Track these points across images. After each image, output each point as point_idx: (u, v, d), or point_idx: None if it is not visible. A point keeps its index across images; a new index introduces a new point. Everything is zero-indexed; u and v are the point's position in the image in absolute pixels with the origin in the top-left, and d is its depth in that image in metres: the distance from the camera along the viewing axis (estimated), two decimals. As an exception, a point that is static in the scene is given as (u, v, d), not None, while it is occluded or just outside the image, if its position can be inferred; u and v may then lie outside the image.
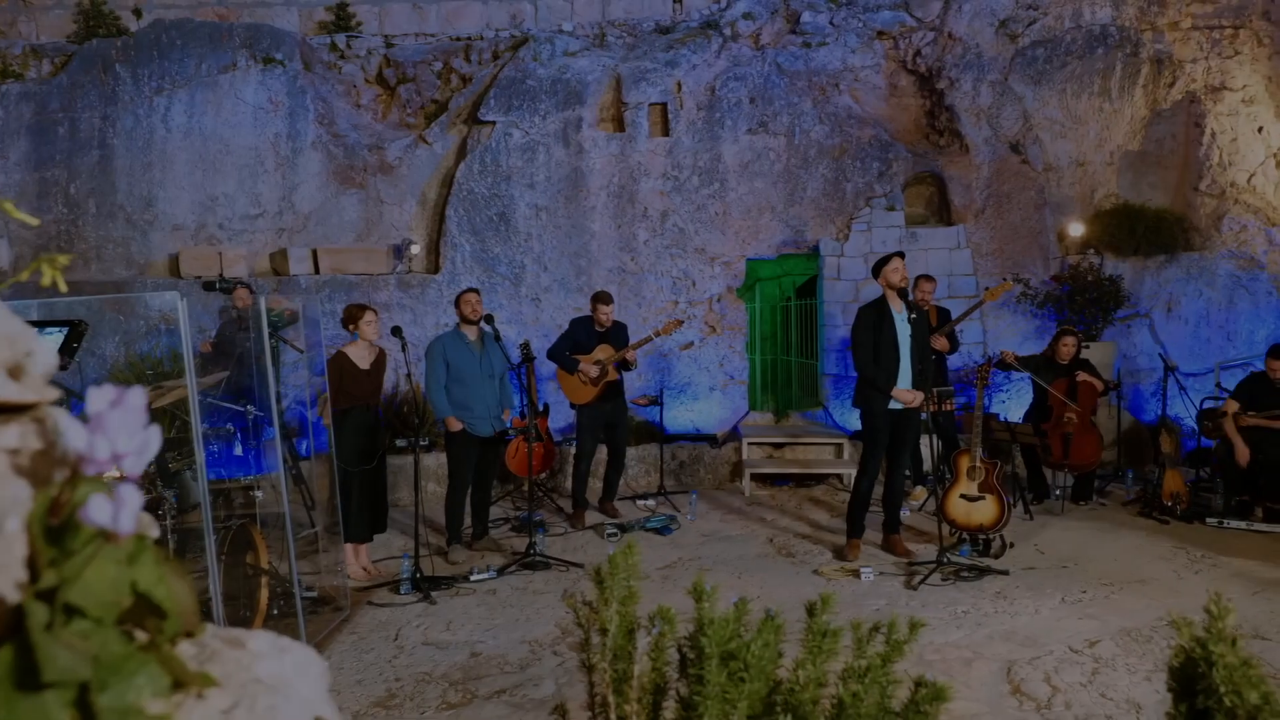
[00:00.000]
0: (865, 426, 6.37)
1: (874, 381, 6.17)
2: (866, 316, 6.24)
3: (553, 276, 9.44)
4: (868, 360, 6.17)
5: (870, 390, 6.22)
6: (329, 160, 9.41)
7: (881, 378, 6.15)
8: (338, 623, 5.36)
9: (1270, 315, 9.40)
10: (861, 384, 6.32)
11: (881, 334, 6.16)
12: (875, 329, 6.16)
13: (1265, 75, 9.73)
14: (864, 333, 6.19)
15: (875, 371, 6.15)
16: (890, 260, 6.22)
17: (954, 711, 4.02)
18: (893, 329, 6.18)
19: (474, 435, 6.61)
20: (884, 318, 6.20)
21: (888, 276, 6.18)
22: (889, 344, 6.16)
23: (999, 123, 9.67)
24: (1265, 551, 6.27)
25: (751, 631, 1.55)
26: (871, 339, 6.16)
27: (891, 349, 6.16)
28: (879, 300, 6.27)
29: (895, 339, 6.17)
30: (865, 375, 6.22)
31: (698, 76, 9.55)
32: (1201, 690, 1.25)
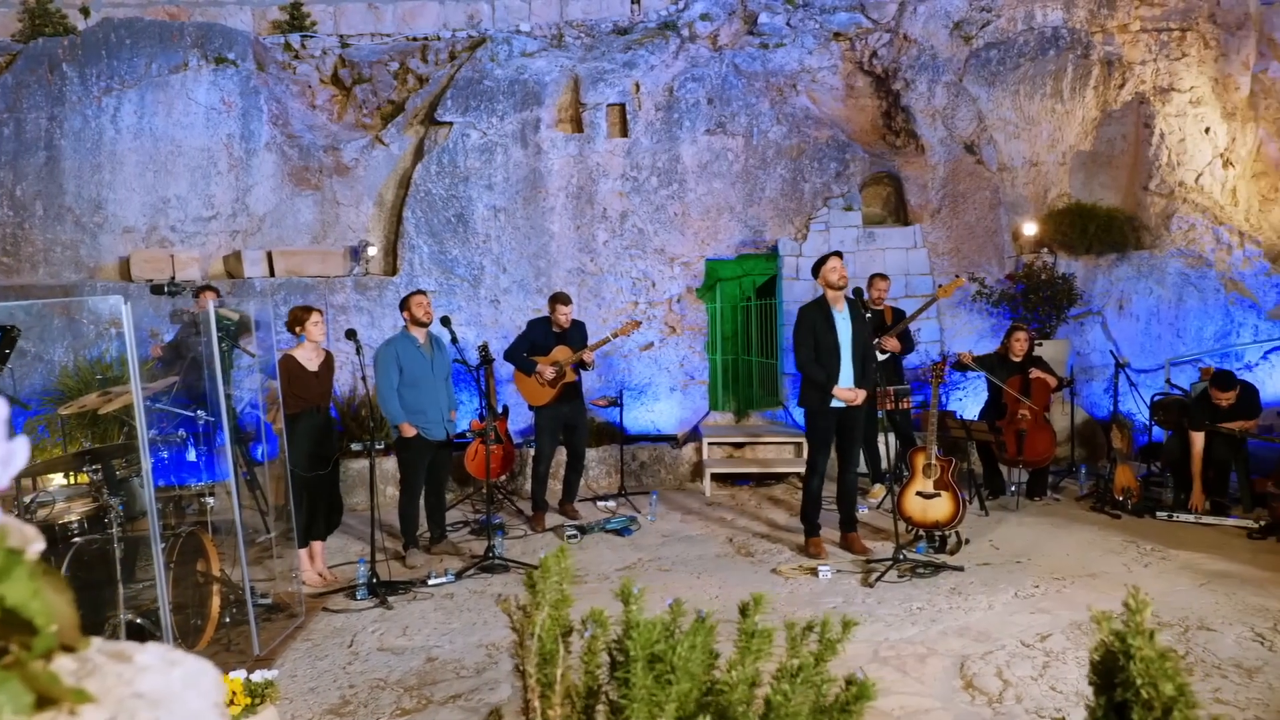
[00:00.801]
0: (809, 426, 6.47)
1: (814, 380, 6.24)
2: (806, 316, 6.33)
3: (512, 278, 9.40)
4: (808, 359, 6.26)
5: (812, 389, 6.29)
6: (284, 161, 9.30)
7: (822, 376, 6.23)
8: (292, 629, 5.29)
9: (1218, 312, 9.59)
10: (805, 383, 6.39)
11: (821, 333, 6.24)
12: (815, 328, 6.25)
13: (1211, 77, 9.92)
14: (804, 332, 6.29)
15: (815, 370, 6.24)
16: (828, 260, 6.32)
17: (908, 707, 4.06)
18: (832, 328, 6.27)
19: (427, 439, 6.56)
20: (824, 317, 6.29)
21: (826, 276, 6.29)
22: (829, 343, 6.24)
23: (954, 123, 9.78)
24: (1213, 544, 6.39)
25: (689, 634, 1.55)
26: (811, 338, 6.25)
27: (832, 348, 6.24)
28: (819, 300, 6.37)
29: (835, 338, 6.26)
30: (806, 374, 6.31)
31: (656, 77, 9.55)
32: (1120, 684, 1.27)
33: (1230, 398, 7.17)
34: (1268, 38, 10.04)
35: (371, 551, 6.00)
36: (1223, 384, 7.18)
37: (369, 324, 9.14)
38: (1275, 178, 10.24)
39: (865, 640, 4.82)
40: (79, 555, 4.55)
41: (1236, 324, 9.58)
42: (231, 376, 7.65)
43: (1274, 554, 6.14)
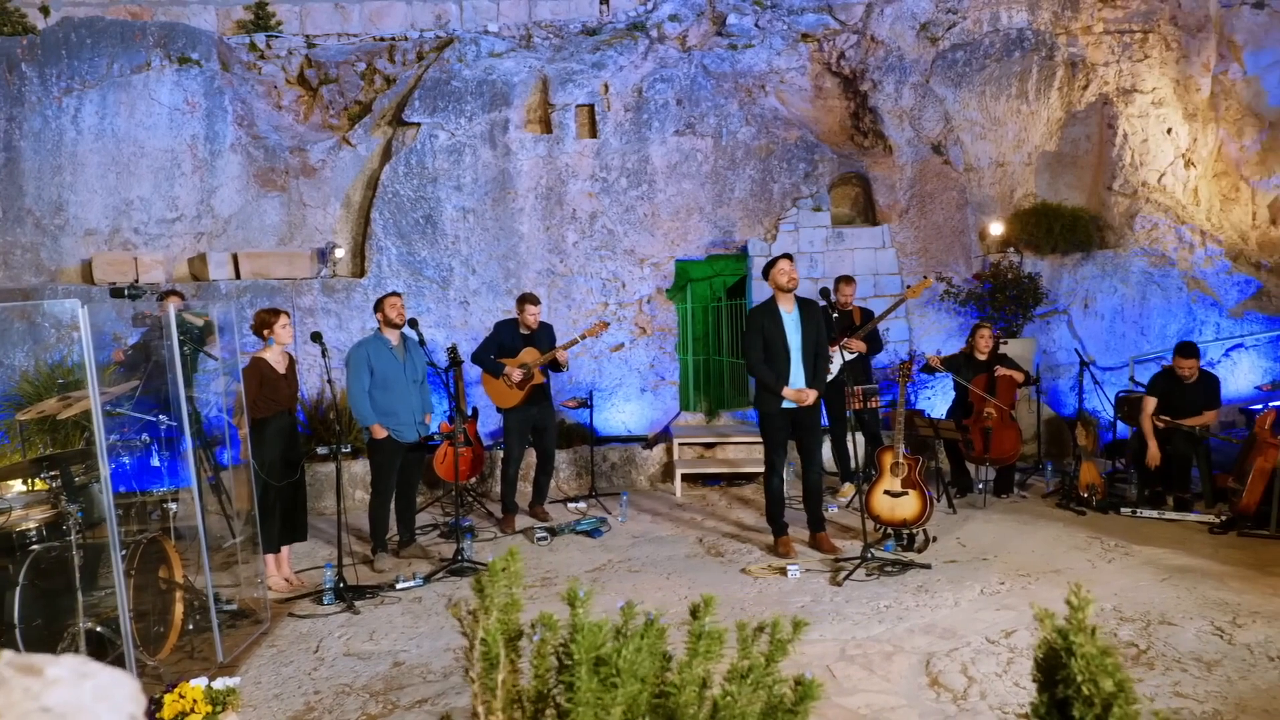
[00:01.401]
0: (763, 427, 6.54)
1: (764, 382, 6.29)
2: (756, 318, 6.41)
3: (481, 279, 9.36)
4: (758, 361, 6.33)
5: (763, 391, 6.35)
6: (249, 162, 9.21)
7: (771, 378, 6.29)
8: (257, 636, 5.24)
9: (1181, 310, 9.72)
10: (758, 385, 6.45)
11: (771, 334, 6.30)
12: (764, 330, 6.30)
13: (1173, 78, 10.05)
14: (753, 334, 6.36)
15: (765, 372, 6.29)
16: (777, 262, 6.39)
17: (874, 705, 4.08)
18: (781, 329, 6.33)
19: (398, 441, 6.53)
20: (773, 318, 6.34)
21: (775, 278, 6.36)
22: (779, 344, 6.30)
23: (921, 124, 9.84)
24: (1175, 539, 6.47)
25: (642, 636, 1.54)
26: (760, 340, 6.30)
27: (781, 349, 6.30)
28: (768, 301, 6.44)
29: (784, 339, 6.32)
30: (755, 376, 6.37)
31: (625, 78, 9.55)
32: (1061, 680, 1.28)
33: (1193, 365, 7.32)
34: (1227, 40, 10.19)
35: (338, 556, 5.96)
36: (1185, 351, 7.35)
37: (337, 326, 9.07)
38: (1235, 178, 10.40)
39: (833, 639, 4.84)
40: (37, 563, 4.48)
41: (1199, 322, 9.71)
42: (197, 380, 7.56)
43: (1234, 548, 6.23)
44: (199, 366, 7.25)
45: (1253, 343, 9.70)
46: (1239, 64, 10.22)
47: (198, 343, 6.63)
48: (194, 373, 7.28)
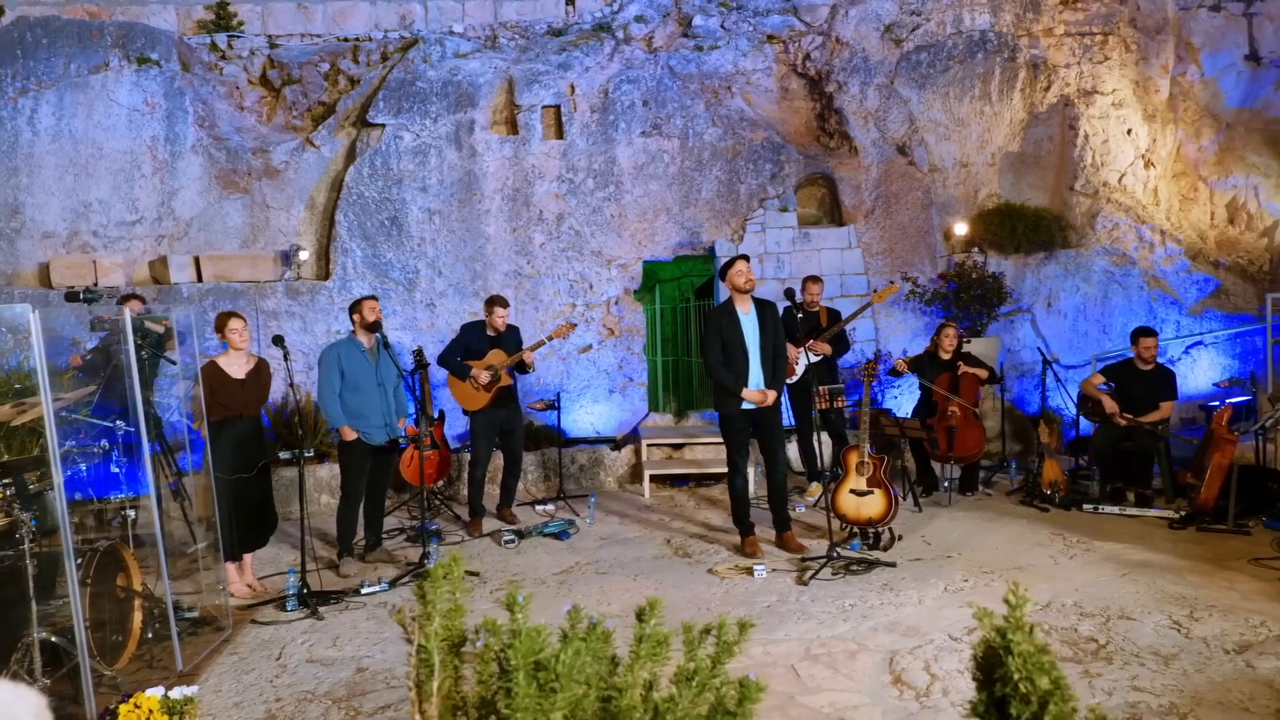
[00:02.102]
0: (724, 428, 6.56)
1: (723, 383, 6.32)
2: (714, 320, 6.41)
3: (448, 281, 9.31)
4: (716, 362, 6.34)
5: (723, 392, 6.36)
6: (211, 164, 9.10)
7: (729, 379, 6.31)
8: (218, 643, 5.18)
9: (1142, 309, 9.85)
10: (717, 386, 6.46)
11: (729, 335, 6.31)
12: (722, 331, 6.31)
13: (1133, 80, 10.19)
14: (712, 336, 6.37)
15: (723, 374, 6.31)
16: (735, 263, 6.41)
17: (837, 704, 4.10)
18: (739, 330, 6.35)
19: (368, 444, 6.50)
20: (730, 319, 6.35)
21: (733, 279, 6.38)
22: (737, 345, 6.32)
23: (886, 125, 9.91)
24: (1136, 534, 6.56)
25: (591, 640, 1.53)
26: (719, 341, 6.31)
27: (740, 350, 6.33)
28: (726, 303, 6.46)
29: (743, 340, 6.35)
30: (714, 377, 6.37)
31: (591, 79, 9.54)
32: (999, 679, 1.29)
33: (1151, 344, 7.55)
34: (1185, 42, 10.35)
35: (302, 561, 5.90)
36: (1145, 332, 7.62)
37: (301, 329, 8.99)
38: (1194, 178, 10.56)
39: (798, 639, 4.86)
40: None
41: (1159, 320, 9.84)
42: (158, 385, 7.47)
43: (1193, 543, 6.32)
44: (160, 371, 7.17)
45: (1211, 340, 9.85)
46: (1197, 66, 10.38)
47: (157, 347, 6.55)
48: (154, 377, 7.20)
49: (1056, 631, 4.77)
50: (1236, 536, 6.41)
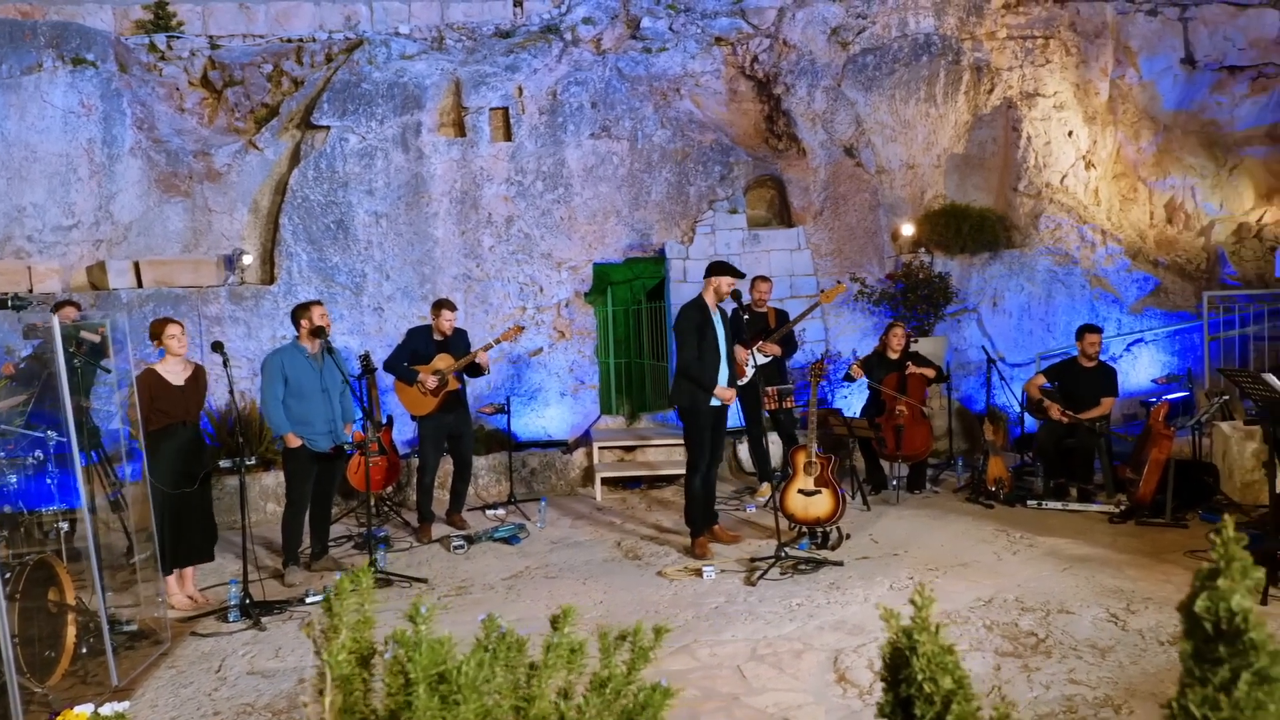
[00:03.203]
0: (689, 425, 6.53)
1: (699, 380, 6.32)
2: (691, 316, 6.39)
3: (395, 285, 9.22)
4: (695, 358, 6.31)
5: (693, 388, 6.36)
6: (150, 167, 8.92)
7: (707, 376, 6.31)
8: (156, 657, 5.07)
9: (1084, 307, 10.03)
10: (682, 382, 6.44)
11: (706, 334, 6.32)
12: (699, 328, 6.31)
13: (1073, 83, 10.37)
14: (690, 332, 6.34)
15: (701, 370, 6.31)
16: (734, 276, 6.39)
17: (782, 704, 4.11)
18: (714, 329, 6.38)
19: (313, 451, 6.40)
20: (705, 318, 6.37)
21: (721, 287, 6.36)
22: (711, 343, 6.34)
23: (833, 127, 9.98)
24: (1077, 529, 6.67)
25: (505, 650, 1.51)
26: (696, 338, 6.30)
27: (714, 348, 6.35)
28: (700, 301, 6.43)
29: (717, 338, 6.37)
30: (691, 374, 6.36)
31: (539, 81, 9.50)
32: (904, 679, 1.29)
33: (1095, 340, 7.72)
34: (1124, 46, 10.55)
35: (244, 571, 5.79)
36: (1091, 328, 7.79)
37: (245, 335, 8.84)
38: (1133, 179, 10.77)
39: (745, 639, 4.87)
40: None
41: (1101, 318, 10.01)
42: (96, 393, 7.30)
43: (1132, 537, 6.44)
44: (97, 379, 7.01)
45: (1151, 338, 10.05)
46: (1135, 69, 10.58)
47: (94, 355, 6.40)
48: (92, 386, 7.04)
49: (998, 627, 4.84)
50: (1174, 530, 6.55)
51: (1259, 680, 1.03)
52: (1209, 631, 1.06)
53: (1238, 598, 1.05)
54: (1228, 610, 1.05)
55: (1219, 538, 1.10)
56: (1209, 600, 1.06)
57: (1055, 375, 7.88)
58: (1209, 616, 1.06)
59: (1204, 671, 1.05)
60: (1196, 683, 1.06)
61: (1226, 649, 1.04)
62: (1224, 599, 1.05)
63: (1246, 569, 1.06)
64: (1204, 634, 1.06)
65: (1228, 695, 1.03)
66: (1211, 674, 1.05)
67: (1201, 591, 1.07)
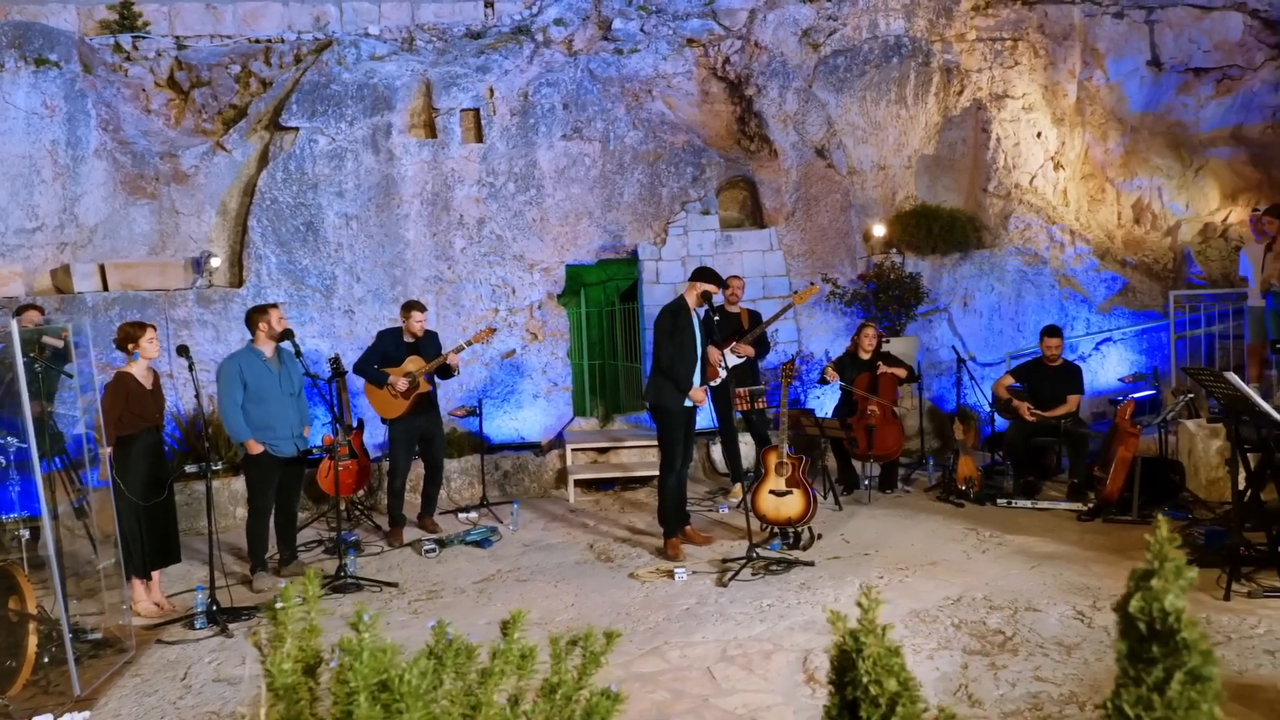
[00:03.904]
0: (663, 424, 6.55)
1: (677, 380, 6.34)
2: (672, 316, 6.41)
3: (366, 287, 9.16)
4: (675, 358, 6.33)
5: (668, 388, 6.38)
6: (116, 169, 8.81)
7: (685, 377, 6.33)
8: (120, 665, 5.00)
9: (1054, 306, 10.12)
10: (657, 382, 6.47)
11: (685, 335, 6.35)
12: (680, 329, 6.34)
13: (1042, 84, 10.46)
14: (671, 332, 6.36)
15: (679, 370, 6.34)
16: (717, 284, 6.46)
17: (751, 704, 4.12)
18: (692, 330, 6.41)
19: (275, 456, 6.33)
20: (687, 320, 6.39)
21: (704, 291, 6.37)
22: (689, 344, 6.38)
23: (805, 128, 10.02)
24: (1045, 527, 6.72)
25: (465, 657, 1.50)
26: (676, 338, 6.33)
27: (690, 349, 6.38)
28: (681, 302, 6.45)
29: (694, 339, 6.40)
30: (670, 373, 6.37)
31: (510, 82, 9.47)
32: (849, 682, 1.29)
33: (1057, 343, 7.83)
34: (1091, 48, 10.65)
35: (211, 577, 5.74)
36: (1051, 331, 7.90)
37: (214, 338, 8.76)
38: (1101, 179, 10.88)
39: (715, 640, 4.87)
40: None
41: (1070, 317, 10.12)
42: (61, 398, 7.21)
43: (1099, 534, 6.50)
44: (61, 384, 6.91)
45: (1120, 336, 10.16)
46: (1102, 71, 10.69)
47: (58, 361, 6.32)
48: (55, 391, 6.94)
49: (966, 625, 4.87)
50: (1141, 527, 6.62)
51: (1191, 680, 1.04)
52: (1143, 632, 1.06)
53: (1171, 598, 1.06)
54: (1161, 610, 1.05)
55: (1154, 538, 1.11)
56: (1143, 601, 1.06)
57: (1022, 375, 7.96)
58: (1143, 617, 1.06)
59: (1138, 671, 1.06)
60: (1131, 683, 1.06)
61: (1160, 649, 1.05)
62: (1157, 599, 1.06)
63: (1180, 569, 1.07)
64: (1138, 634, 1.07)
65: (1161, 695, 1.04)
66: (1145, 674, 1.06)
67: (1136, 592, 1.07)
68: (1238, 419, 5.43)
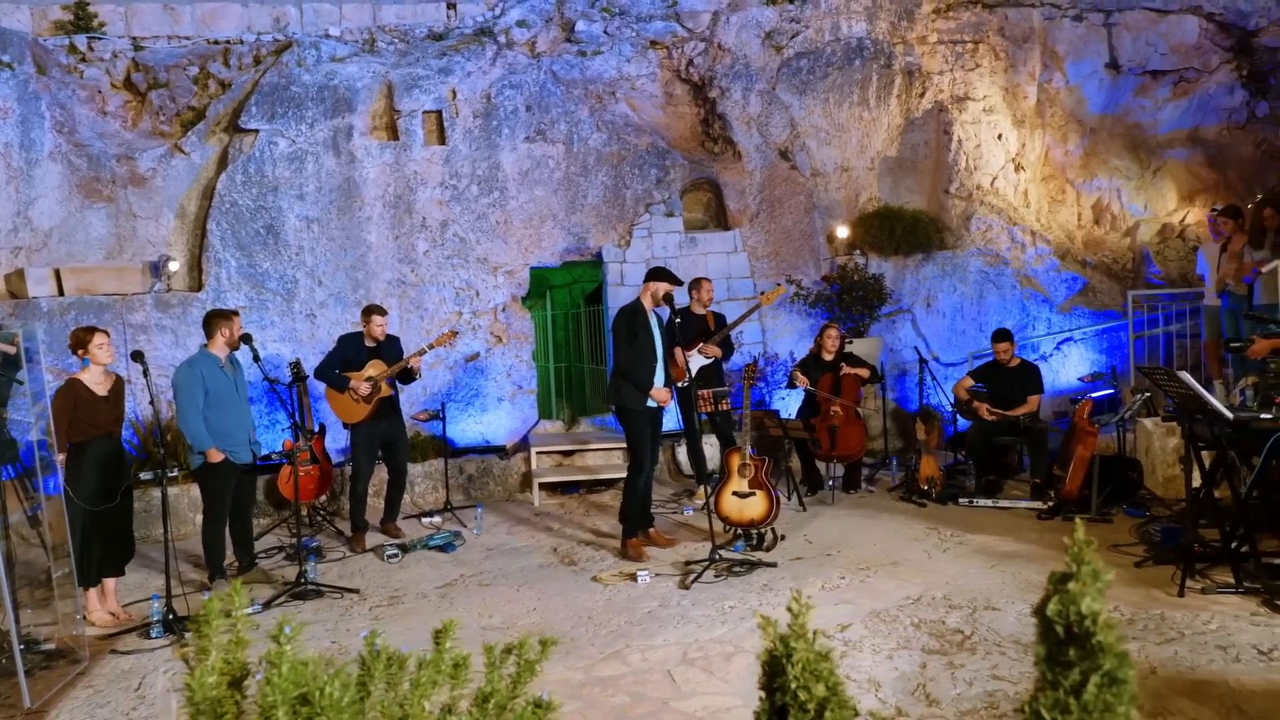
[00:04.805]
0: (628, 425, 6.55)
1: (638, 381, 6.34)
2: (628, 320, 6.42)
3: (328, 291, 9.07)
4: (634, 359, 6.34)
5: (631, 389, 6.38)
6: (71, 172, 8.67)
7: (646, 378, 6.34)
8: (73, 676, 4.91)
9: (1015, 307, 10.22)
10: (620, 384, 6.46)
11: (643, 335, 6.35)
12: (637, 330, 6.34)
13: (1002, 87, 10.57)
14: (628, 335, 6.37)
15: (640, 371, 6.33)
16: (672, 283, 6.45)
17: (710, 707, 4.11)
18: (651, 331, 6.40)
19: (234, 463, 6.26)
20: (645, 321, 6.40)
21: (658, 291, 6.38)
22: (648, 344, 6.37)
23: (768, 130, 10.05)
24: (1006, 526, 6.78)
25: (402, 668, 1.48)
26: (635, 340, 6.33)
27: (651, 351, 6.37)
28: (639, 303, 6.46)
29: (653, 340, 6.40)
30: (631, 375, 6.37)
31: (473, 84, 9.42)
32: (779, 687, 1.28)
33: (1005, 347, 7.93)
34: (1050, 50, 10.77)
35: (167, 585, 5.66)
36: (998, 336, 8.02)
37: (173, 343, 8.64)
38: (1061, 181, 11.01)
39: (676, 643, 4.87)
40: None
41: (1032, 318, 10.23)
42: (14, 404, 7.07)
43: (1058, 532, 6.56)
44: (13, 391, 6.79)
45: (1081, 336, 10.28)
46: (1061, 73, 10.81)
47: (11, 368, 6.20)
48: (8, 398, 6.82)
49: (926, 624, 4.89)
50: (1099, 525, 6.69)
51: (1108, 682, 1.04)
52: (1060, 635, 1.07)
53: (1088, 601, 1.06)
54: (1078, 614, 1.06)
55: (1072, 541, 1.11)
56: (1060, 604, 1.07)
57: (982, 376, 8.03)
58: (1060, 620, 1.06)
59: (1055, 674, 1.06)
60: (1049, 686, 1.06)
61: (1077, 652, 1.05)
62: (1074, 602, 1.06)
63: (1096, 572, 1.07)
64: (1056, 637, 1.07)
65: (1077, 698, 1.04)
66: (1063, 677, 1.06)
67: (1053, 596, 1.08)
68: (1191, 417, 5.50)
